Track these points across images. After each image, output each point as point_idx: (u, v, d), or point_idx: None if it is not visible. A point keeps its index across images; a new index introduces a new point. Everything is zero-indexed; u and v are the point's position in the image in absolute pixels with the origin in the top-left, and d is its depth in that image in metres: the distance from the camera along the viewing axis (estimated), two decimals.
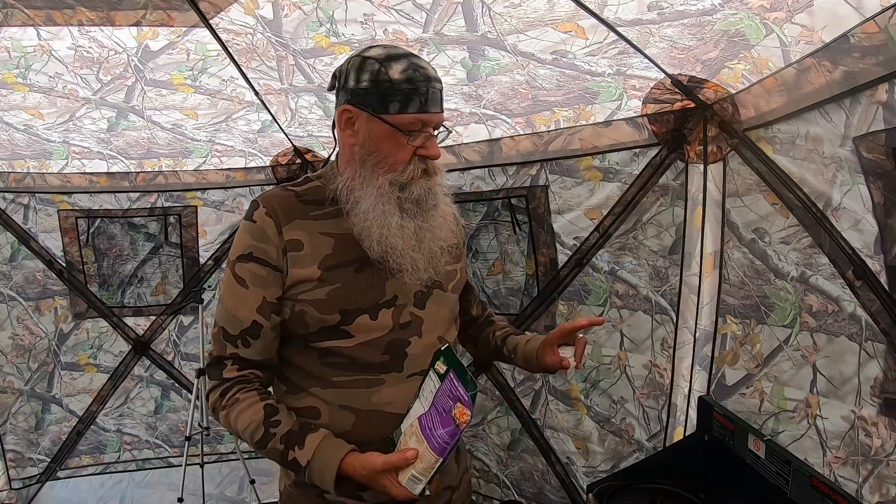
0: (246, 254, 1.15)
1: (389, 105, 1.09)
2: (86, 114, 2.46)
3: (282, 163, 3.17)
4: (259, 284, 1.14)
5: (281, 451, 1.11)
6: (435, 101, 1.13)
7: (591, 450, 2.50)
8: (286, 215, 1.16)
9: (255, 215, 1.16)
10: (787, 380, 1.72)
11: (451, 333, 1.30)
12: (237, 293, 1.16)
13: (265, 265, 1.14)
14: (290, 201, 1.18)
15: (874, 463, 1.46)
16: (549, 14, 1.65)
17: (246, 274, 1.15)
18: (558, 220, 2.42)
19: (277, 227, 1.14)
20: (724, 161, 1.89)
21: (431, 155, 1.14)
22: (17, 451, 3.23)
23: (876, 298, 1.42)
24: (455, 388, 1.01)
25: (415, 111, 1.10)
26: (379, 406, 1.17)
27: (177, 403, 3.44)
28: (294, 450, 1.09)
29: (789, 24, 1.39)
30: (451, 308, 1.30)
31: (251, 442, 1.14)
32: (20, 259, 3.10)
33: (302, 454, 1.09)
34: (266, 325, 1.16)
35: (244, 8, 1.80)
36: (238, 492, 3.44)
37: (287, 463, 1.12)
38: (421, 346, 1.20)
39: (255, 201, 1.19)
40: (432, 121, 1.13)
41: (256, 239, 1.15)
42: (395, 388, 1.18)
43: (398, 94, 1.09)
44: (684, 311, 2.06)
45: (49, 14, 1.78)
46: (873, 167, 1.36)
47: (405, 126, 1.11)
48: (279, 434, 1.11)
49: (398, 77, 1.09)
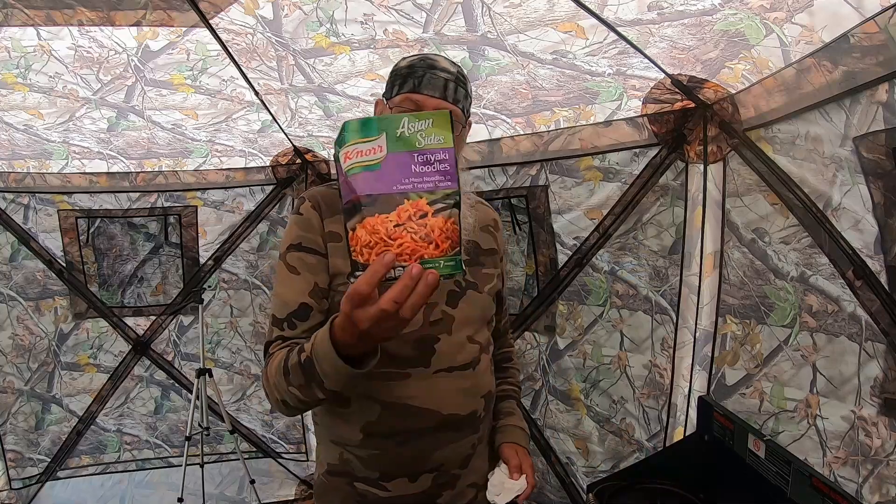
0: (296, 244, 1.21)
1: (393, 88, 1.19)
2: (86, 114, 2.46)
3: (282, 163, 3.17)
4: (310, 271, 1.19)
5: (297, 360, 1.04)
6: (432, 86, 1.15)
7: (591, 450, 2.50)
8: (328, 208, 1.22)
9: (301, 208, 1.23)
10: (787, 380, 1.72)
11: (483, 334, 1.31)
12: (288, 280, 1.20)
13: (314, 253, 1.20)
14: (333, 196, 1.24)
15: (874, 463, 1.46)
16: (549, 14, 1.65)
17: (296, 262, 1.20)
18: (558, 220, 2.42)
19: (321, 218, 1.21)
20: (724, 161, 1.89)
21: None
22: (17, 451, 3.23)
23: (876, 298, 1.42)
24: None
25: (406, 91, 1.16)
26: (403, 399, 1.19)
27: (177, 403, 3.45)
28: (303, 350, 1.03)
29: (789, 24, 1.39)
30: (483, 309, 1.31)
31: (280, 380, 1.08)
32: (20, 259, 3.10)
33: (307, 347, 1.02)
34: (316, 307, 1.19)
35: (244, 8, 1.80)
36: (238, 492, 3.44)
37: (303, 368, 1.02)
38: (449, 343, 1.22)
39: (301, 196, 1.25)
40: (426, 104, 1.15)
41: (304, 229, 1.21)
42: (419, 383, 1.19)
43: (399, 78, 1.18)
44: (684, 311, 2.06)
45: (49, 14, 1.78)
46: (873, 167, 1.37)
47: (396, 104, 1.16)
48: (296, 350, 1.06)
49: (403, 65, 1.19)
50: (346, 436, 1.23)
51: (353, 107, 2.41)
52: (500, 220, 1.45)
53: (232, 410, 3.46)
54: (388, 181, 0.81)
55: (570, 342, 2.50)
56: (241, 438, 3.43)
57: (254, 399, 3.53)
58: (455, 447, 1.25)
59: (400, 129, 0.81)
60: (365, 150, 0.81)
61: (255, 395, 3.53)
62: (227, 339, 3.45)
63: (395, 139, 0.81)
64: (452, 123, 0.83)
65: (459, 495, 1.27)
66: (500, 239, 1.42)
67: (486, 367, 1.31)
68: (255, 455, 3.51)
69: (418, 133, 0.81)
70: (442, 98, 1.16)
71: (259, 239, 3.35)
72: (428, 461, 1.23)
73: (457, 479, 1.27)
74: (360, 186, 0.81)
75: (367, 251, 0.80)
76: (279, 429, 3.58)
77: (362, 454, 1.23)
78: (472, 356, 1.25)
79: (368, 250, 0.80)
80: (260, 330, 3.46)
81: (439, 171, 0.82)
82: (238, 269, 3.38)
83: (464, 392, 1.24)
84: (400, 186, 0.81)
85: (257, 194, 3.29)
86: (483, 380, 1.29)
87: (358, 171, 0.81)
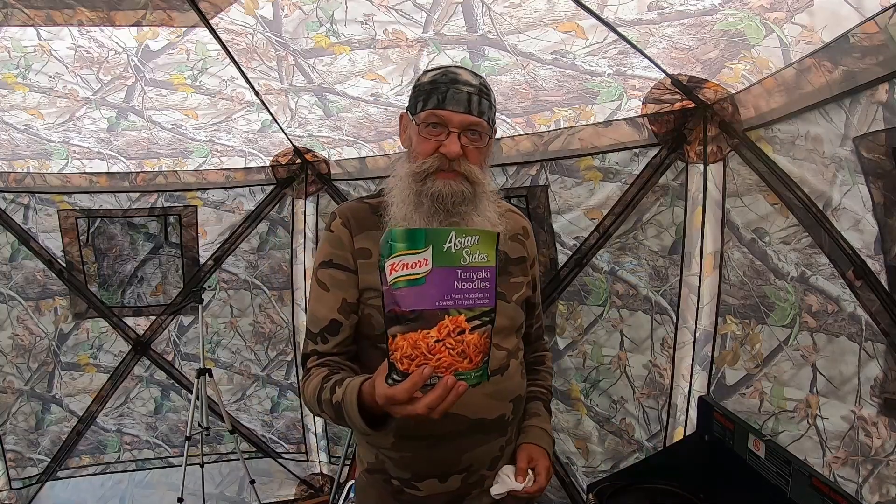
0: (327, 261, 1.27)
1: (417, 104, 1.22)
2: (86, 114, 2.46)
3: (282, 163, 3.17)
4: (339, 287, 1.26)
5: (329, 399, 1.13)
6: (456, 101, 1.18)
7: (591, 450, 2.50)
8: (358, 225, 1.28)
9: (332, 225, 1.29)
10: (787, 380, 1.72)
11: (510, 341, 1.33)
12: (320, 296, 1.27)
13: (344, 270, 1.26)
14: (363, 212, 1.30)
15: (874, 463, 1.46)
16: (549, 14, 1.65)
17: (326, 279, 1.27)
18: (558, 220, 2.42)
19: (351, 236, 1.27)
20: (724, 161, 1.89)
21: (447, 151, 1.18)
22: (17, 451, 3.23)
23: (876, 298, 1.42)
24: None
25: (431, 107, 1.18)
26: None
27: (177, 403, 3.45)
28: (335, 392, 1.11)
29: (789, 24, 1.39)
30: (512, 318, 1.33)
31: (316, 404, 1.17)
32: (20, 259, 3.10)
33: (339, 392, 1.10)
34: (345, 322, 1.26)
35: (244, 8, 1.80)
36: (238, 492, 3.45)
37: (337, 410, 1.11)
38: None
39: (333, 213, 1.31)
40: (451, 119, 1.18)
41: (334, 247, 1.27)
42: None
43: (423, 93, 1.21)
44: (684, 311, 2.06)
45: (49, 14, 1.79)
46: (873, 167, 1.37)
47: (421, 120, 1.20)
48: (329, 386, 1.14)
49: (426, 80, 1.22)
50: (379, 439, 1.27)
51: (353, 106, 2.41)
52: (531, 227, 1.47)
53: (232, 410, 3.46)
54: (432, 297, 0.85)
55: (570, 342, 2.50)
56: (241, 438, 3.43)
57: (254, 399, 3.54)
58: (483, 449, 1.29)
59: (447, 243, 0.84)
60: (410, 263, 0.84)
61: (254, 395, 3.53)
62: (227, 339, 3.45)
63: (441, 253, 0.84)
64: (498, 242, 0.89)
65: (486, 494, 1.31)
66: (531, 246, 1.43)
67: (514, 371, 1.33)
68: (255, 455, 3.51)
69: (464, 250, 0.86)
70: (467, 112, 1.18)
71: (259, 239, 3.35)
72: (457, 463, 1.27)
73: (485, 479, 1.31)
74: (405, 302, 0.84)
75: (408, 362, 0.87)
76: (279, 429, 3.58)
77: (395, 456, 1.29)
78: (500, 363, 1.28)
79: (409, 361, 0.87)
80: (260, 330, 3.46)
81: (480, 288, 0.87)
82: (238, 269, 3.38)
83: (492, 396, 1.27)
84: (442, 303, 0.86)
85: (257, 194, 3.29)
86: (511, 384, 1.32)
87: (403, 285, 0.84)
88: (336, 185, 3.23)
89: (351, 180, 3.17)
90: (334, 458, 3.56)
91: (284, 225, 3.37)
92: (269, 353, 3.50)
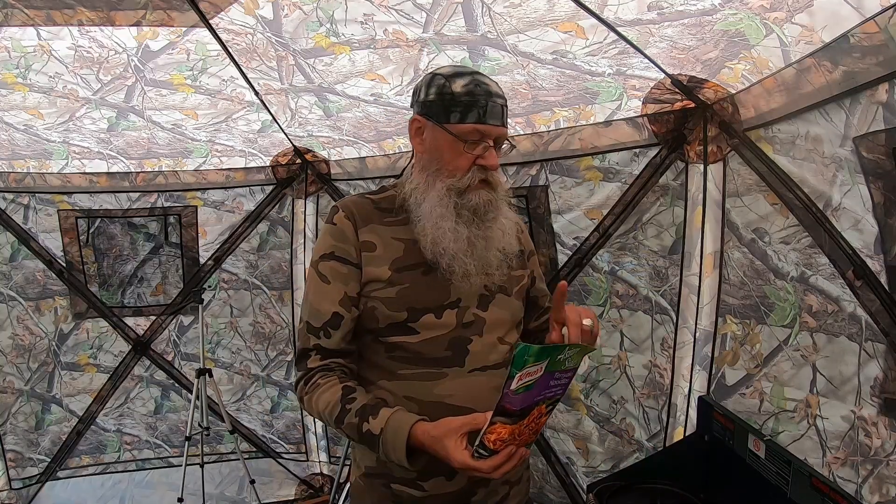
0: (328, 253, 1.26)
1: (451, 115, 1.19)
2: (86, 114, 2.46)
3: (282, 163, 3.17)
4: (340, 280, 1.24)
5: (356, 423, 1.14)
6: (495, 115, 1.19)
7: (591, 450, 2.50)
8: (362, 219, 1.27)
9: (335, 218, 1.27)
10: (787, 380, 1.72)
11: (512, 335, 1.34)
12: (320, 289, 1.26)
13: (345, 263, 1.25)
14: (366, 207, 1.29)
15: (874, 463, 1.46)
16: (549, 14, 1.65)
17: (328, 271, 1.25)
18: (558, 220, 2.42)
19: (354, 229, 1.25)
20: (724, 161, 1.89)
21: (489, 164, 1.20)
22: (17, 451, 3.23)
23: (876, 298, 1.42)
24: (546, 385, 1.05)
25: (473, 121, 1.18)
26: (441, 398, 1.23)
27: (177, 403, 3.45)
28: (368, 421, 1.13)
29: (789, 24, 1.39)
30: (513, 312, 1.35)
31: (330, 420, 1.19)
32: (20, 259, 3.10)
33: (375, 423, 1.12)
34: (346, 316, 1.25)
35: (244, 8, 1.80)
36: (238, 492, 3.45)
37: (363, 436, 1.14)
38: (482, 344, 1.27)
39: (335, 206, 1.29)
40: (491, 133, 1.19)
41: (337, 239, 1.26)
42: (456, 382, 1.24)
43: (459, 105, 1.18)
44: (684, 311, 2.06)
45: (49, 14, 1.79)
46: (873, 167, 1.37)
47: (463, 135, 1.19)
48: (354, 408, 1.15)
49: (460, 90, 1.19)
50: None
51: (353, 107, 2.41)
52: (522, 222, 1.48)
53: (232, 410, 3.46)
54: (535, 394, 0.98)
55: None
56: (241, 438, 3.43)
57: (254, 399, 3.54)
58: None
59: (561, 356, 0.97)
60: (532, 372, 0.95)
61: (254, 395, 3.53)
62: (227, 339, 3.45)
63: (554, 362, 0.97)
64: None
65: (492, 493, 1.31)
66: (526, 240, 1.45)
67: None
68: (255, 455, 3.51)
69: (567, 359, 0.99)
70: (501, 125, 1.20)
71: (259, 239, 3.36)
72: None
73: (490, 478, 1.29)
74: (517, 403, 0.97)
75: (500, 443, 1.01)
76: (279, 429, 3.58)
77: None
78: (503, 356, 1.29)
79: (500, 442, 1.01)
80: (260, 330, 3.46)
81: (562, 384, 1.03)
82: (238, 269, 3.38)
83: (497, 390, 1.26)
84: (538, 397, 1.00)
85: (257, 194, 3.29)
86: None
87: (521, 391, 0.96)
88: (336, 185, 3.23)
89: (351, 180, 3.17)
90: (334, 458, 3.56)
91: (284, 225, 3.37)
92: (269, 353, 3.50)
